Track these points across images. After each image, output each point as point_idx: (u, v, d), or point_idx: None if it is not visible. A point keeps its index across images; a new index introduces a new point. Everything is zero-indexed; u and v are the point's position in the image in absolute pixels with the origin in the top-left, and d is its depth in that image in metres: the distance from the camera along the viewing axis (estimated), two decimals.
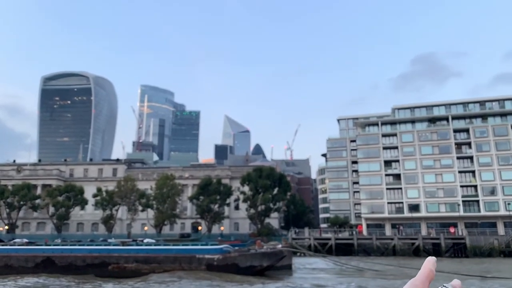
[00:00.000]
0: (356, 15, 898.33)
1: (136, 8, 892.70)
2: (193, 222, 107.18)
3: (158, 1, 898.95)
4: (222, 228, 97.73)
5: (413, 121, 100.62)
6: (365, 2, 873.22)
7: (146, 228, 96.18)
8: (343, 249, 70.65)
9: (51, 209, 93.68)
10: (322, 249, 68.92)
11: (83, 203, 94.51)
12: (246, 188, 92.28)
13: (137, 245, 40.31)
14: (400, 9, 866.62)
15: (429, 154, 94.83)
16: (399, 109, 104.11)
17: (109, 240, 54.15)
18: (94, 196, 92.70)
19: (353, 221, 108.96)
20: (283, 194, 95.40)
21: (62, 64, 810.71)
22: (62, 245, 42.24)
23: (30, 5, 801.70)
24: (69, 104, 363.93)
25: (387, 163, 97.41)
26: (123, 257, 34.43)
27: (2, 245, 43.84)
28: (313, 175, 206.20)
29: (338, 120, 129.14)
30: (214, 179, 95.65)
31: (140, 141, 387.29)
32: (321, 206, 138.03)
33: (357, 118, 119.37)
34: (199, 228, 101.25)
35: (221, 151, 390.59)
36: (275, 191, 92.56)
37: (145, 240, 54.23)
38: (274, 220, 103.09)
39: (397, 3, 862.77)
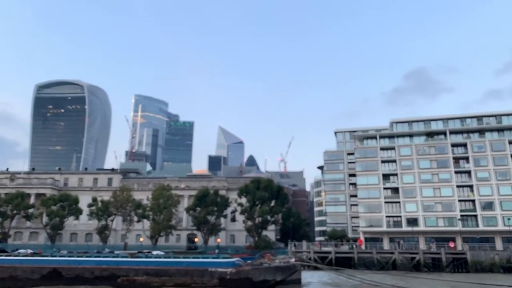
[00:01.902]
0: (349, 30, 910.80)
1: (131, 18, 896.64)
2: (189, 233, 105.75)
3: (153, 11, 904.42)
4: (219, 240, 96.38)
5: (411, 135, 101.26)
6: (359, 18, 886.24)
7: (141, 239, 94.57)
8: (343, 263, 69.77)
9: (45, 219, 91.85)
10: (322, 262, 68.06)
11: (77, 213, 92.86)
12: (243, 200, 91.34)
13: (146, 257, 39.10)
14: (394, 25, 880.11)
15: (427, 168, 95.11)
16: (397, 122, 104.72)
17: (116, 252, 52.68)
18: (89, 206, 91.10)
19: (350, 234, 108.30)
20: (281, 207, 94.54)
21: (56, 72, 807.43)
22: (69, 256, 40.92)
23: (25, 12, 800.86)
24: (62, 112, 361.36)
25: (385, 176, 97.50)
26: (133, 270, 33.29)
27: (7, 256, 42.40)
28: (307, 188, 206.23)
29: (335, 133, 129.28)
30: (211, 190, 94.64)
31: (133, 151, 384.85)
32: (317, 219, 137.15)
33: (354, 131, 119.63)
34: (196, 239, 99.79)
35: (214, 162, 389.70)
36: (273, 203, 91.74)
37: (154, 252, 52.86)
38: (270, 233, 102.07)
39: (391, 20, 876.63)
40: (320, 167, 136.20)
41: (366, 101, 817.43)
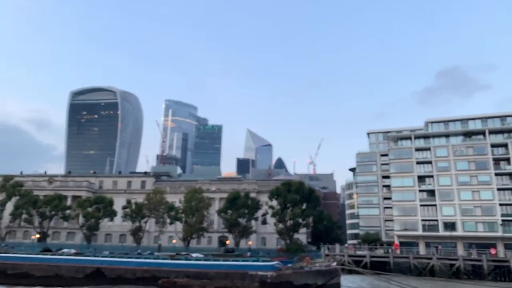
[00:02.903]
0: (378, 29, 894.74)
1: (161, 27, 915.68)
2: (220, 236, 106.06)
3: (183, 20, 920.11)
4: (250, 242, 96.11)
5: (447, 135, 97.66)
6: (388, 15, 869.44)
7: (174, 240, 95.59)
8: (377, 267, 67.85)
9: (81, 220, 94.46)
10: (357, 266, 66.45)
11: (112, 214, 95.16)
12: (274, 203, 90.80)
13: (186, 259, 39.34)
14: (425, 22, 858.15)
15: (465, 170, 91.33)
16: (432, 122, 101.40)
17: (156, 254, 53.47)
18: (124, 208, 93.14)
19: (384, 238, 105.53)
20: (312, 209, 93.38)
21: (90, 80, 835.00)
22: (111, 257, 41.83)
23: (60, 22, 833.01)
24: (96, 118, 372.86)
25: (421, 178, 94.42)
26: (174, 272, 33.52)
27: (52, 255, 43.86)
28: (338, 190, 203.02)
29: (368, 134, 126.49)
30: (241, 193, 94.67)
31: (164, 154, 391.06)
32: (348, 221, 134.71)
33: (388, 132, 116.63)
34: (227, 242, 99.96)
35: (243, 165, 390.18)
36: (304, 206, 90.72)
37: (194, 255, 53.28)
38: (302, 236, 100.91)
39: (421, 17, 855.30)
40: (352, 169, 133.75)
41: (397, 102, 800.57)
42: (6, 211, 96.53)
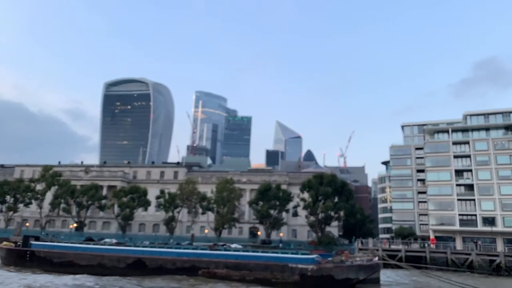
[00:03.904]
0: (411, 18, 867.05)
1: (192, 19, 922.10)
2: (251, 227, 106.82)
3: (213, 11, 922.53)
4: (281, 234, 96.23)
5: (487, 129, 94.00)
6: (422, 4, 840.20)
7: (206, 230, 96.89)
8: (412, 262, 66.29)
9: (116, 210, 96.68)
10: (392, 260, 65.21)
11: (146, 204, 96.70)
12: (305, 195, 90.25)
13: (225, 250, 39.76)
14: (462, 11, 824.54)
15: (506, 164, 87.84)
16: (471, 115, 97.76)
17: (195, 244, 54.26)
18: (157, 198, 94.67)
19: (418, 232, 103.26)
20: (345, 203, 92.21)
21: (123, 71, 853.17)
22: (151, 247, 42.78)
23: (93, 16, 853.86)
24: (129, 109, 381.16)
25: (458, 172, 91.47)
26: (213, 262, 33.84)
27: (94, 244, 45.35)
28: (369, 183, 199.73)
29: (402, 127, 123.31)
30: (272, 185, 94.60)
31: (194, 145, 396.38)
32: (381, 215, 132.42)
33: (423, 125, 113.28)
34: (258, 233, 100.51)
35: (272, 157, 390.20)
36: (336, 199, 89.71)
37: (233, 245, 53.81)
38: (333, 229, 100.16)
39: (458, 6, 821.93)
40: (385, 163, 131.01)
41: (430, 94, 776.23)
42: (46, 200, 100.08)
